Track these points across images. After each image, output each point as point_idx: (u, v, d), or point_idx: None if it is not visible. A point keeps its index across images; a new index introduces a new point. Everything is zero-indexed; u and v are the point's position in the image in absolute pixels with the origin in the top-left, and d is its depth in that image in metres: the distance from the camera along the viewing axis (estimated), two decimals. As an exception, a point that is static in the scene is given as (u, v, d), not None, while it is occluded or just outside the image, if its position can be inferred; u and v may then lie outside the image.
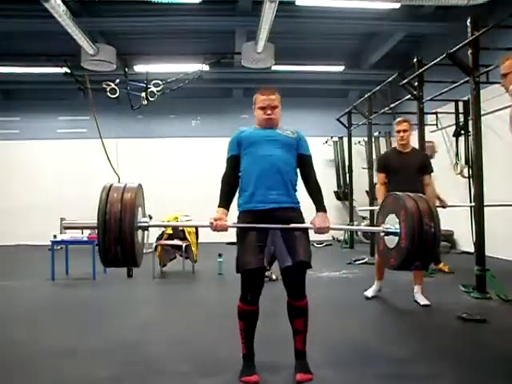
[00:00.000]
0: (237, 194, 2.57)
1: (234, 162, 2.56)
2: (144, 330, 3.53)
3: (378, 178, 4.33)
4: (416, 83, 5.82)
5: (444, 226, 8.89)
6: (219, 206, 2.49)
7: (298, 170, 2.60)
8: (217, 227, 2.41)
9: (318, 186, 2.56)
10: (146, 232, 2.61)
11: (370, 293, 4.45)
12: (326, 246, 8.93)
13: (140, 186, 2.46)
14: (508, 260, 6.57)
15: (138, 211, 2.35)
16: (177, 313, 4.10)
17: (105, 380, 2.51)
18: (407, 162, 4.14)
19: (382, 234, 2.59)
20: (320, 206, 2.51)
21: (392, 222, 2.52)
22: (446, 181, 8.23)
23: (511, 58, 2.57)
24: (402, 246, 2.40)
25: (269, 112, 2.53)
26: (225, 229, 2.43)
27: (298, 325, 2.51)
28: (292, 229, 2.43)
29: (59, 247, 6.88)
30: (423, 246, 2.32)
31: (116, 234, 2.18)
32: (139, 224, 2.35)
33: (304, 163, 2.59)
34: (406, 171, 4.07)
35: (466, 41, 4.38)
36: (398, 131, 4.23)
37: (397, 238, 2.45)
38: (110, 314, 3.97)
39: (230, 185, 2.54)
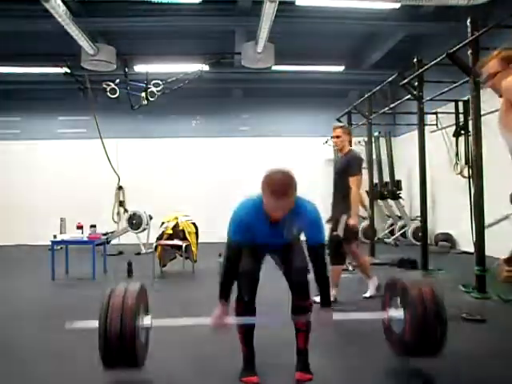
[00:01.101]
0: None
1: (238, 250, 2.41)
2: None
3: None
4: (416, 83, 5.81)
5: (444, 225, 8.84)
6: (220, 298, 2.41)
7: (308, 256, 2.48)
8: (218, 329, 2.41)
9: (325, 281, 2.47)
10: (146, 232, 2.69)
11: (368, 293, 4.46)
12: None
13: (142, 286, 2.53)
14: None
15: (140, 311, 2.41)
16: (177, 312, 4.09)
17: (105, 379, 2.51)
18: (337, 166, 4.48)
19: (387, 320, 2.61)
20: (325, 302, 2.46)
21: (397, 306, 2.53)
22: (447, 181, 8.25)
23: (494, 56, 2.50)
24: (406, 339, 2.41)
25: (278, 214, 2.27)
26: (226, 327, 2.42)
27: (300, 323, 2.53)
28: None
29: (59, 247, 6.88)
30: (428, 342, 2.34)
31: (117, 342, 2.25)
32: (141, 326, 2.40)
33: (312, 252, 2.43)
34: (336, 175, 4.43)
35: (466, 41, 4.38)
36: (332, 137, 4.51)
37: (402, 325, 2.45)
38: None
39: (231, 274, 2.43)
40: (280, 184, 2.16)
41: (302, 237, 2.53)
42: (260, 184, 2.22)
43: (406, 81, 5.87)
